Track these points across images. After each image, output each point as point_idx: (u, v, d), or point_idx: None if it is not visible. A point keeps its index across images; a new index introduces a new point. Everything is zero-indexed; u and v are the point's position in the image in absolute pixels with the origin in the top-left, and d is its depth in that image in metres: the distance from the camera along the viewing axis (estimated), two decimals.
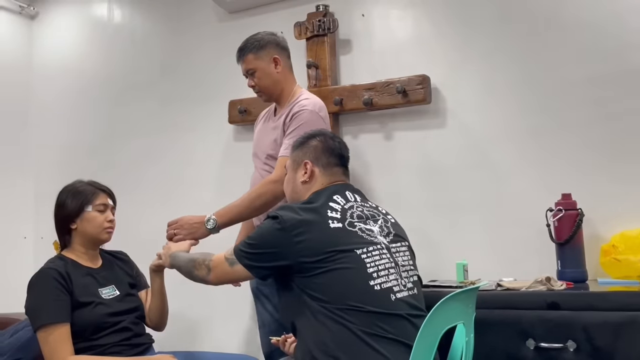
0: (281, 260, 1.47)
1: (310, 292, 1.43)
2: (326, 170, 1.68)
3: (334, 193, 1.59)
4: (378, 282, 1.43)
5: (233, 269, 1.56)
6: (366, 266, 1.44)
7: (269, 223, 1.52)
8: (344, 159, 1.73)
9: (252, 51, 2.17)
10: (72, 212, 1.89)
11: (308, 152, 1.70)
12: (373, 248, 1.48)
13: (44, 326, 1.71)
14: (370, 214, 1.59)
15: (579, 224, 1.95)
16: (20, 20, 3.35)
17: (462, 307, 1.44)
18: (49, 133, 3.32)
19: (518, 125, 2.26)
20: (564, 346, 1.65)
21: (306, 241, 1.44)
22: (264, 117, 2.40)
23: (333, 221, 1.49)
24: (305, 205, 1.55)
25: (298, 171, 1.70)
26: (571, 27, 2.19)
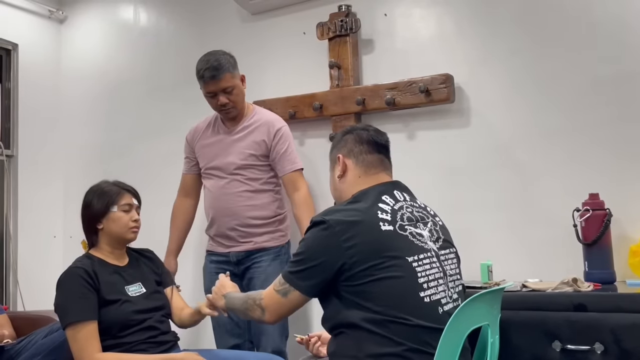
0: (331, 269, 1.37)
1: (358, 301, 1.36)
2: (359, 160, 1.58)
3: (382, 193, 1.50)
4: (428, 294, 1.37)
5: (288, 299, 1.45)
6: (417, 275, 1.37)
7: (315, 230, 1.42)
8: (378, 146, 1.62)
9: (229, 70, 2.31)
10: (98, 213, 1.92)
11: (342, 146, 1.63)
12: (424, 256, 1.41)
13: (72, 324, 1.75)
14: (419, 215, 1.52)
15: (607, 224, 1.92)
16: (49, 24, 3.43)
17: (487, 308, 1.42)
18: (77, 134, 3.39)
19: (543, 124, 2.23)
20: (591, 348, 1.63)
21: (357, 245, 1.36)
22: (205, 131, 2.50)
23: (384, 223, 1.41)
24: (352, 206, 1.46)
25: (335, 169, 1.63)
26: (599, 25, 2.15)
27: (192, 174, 2.55)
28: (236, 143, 2.39)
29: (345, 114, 2.54)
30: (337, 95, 2.55)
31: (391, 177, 1.63)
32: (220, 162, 2.39)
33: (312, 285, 1.42)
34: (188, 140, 2.55)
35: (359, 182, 1.56)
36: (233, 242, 2.37)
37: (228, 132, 2.43)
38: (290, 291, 1.44)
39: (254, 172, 2.36)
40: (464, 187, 2.36)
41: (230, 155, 2.37)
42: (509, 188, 2.27)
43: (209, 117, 2.53)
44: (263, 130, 2.37)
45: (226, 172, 2.37)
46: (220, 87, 2.30)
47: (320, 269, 1.39)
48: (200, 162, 2.49)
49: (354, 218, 1.40)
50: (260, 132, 2.38)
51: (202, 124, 2.54)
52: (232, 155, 2.37)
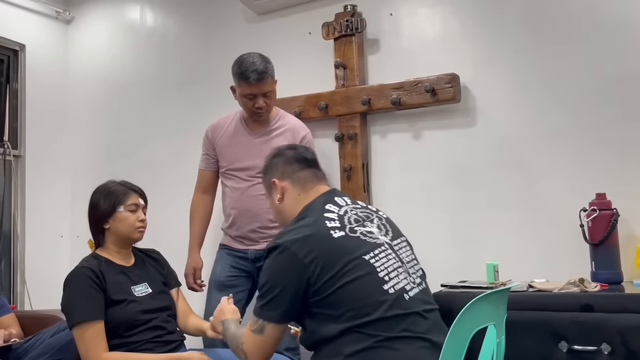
0: (298, 289, 1.37)
1: (329, 314, 1.37)
2: (294, 179, 1.61)
3: (325, 202, 1.53)
4: (391, 285, 1.40)
5: (265, 335, 1.42)
6: (377, 271, 1.40)
7: (272, 257, 1.43)
8: (309, 162, 1.65)
9: (272, 74, 2.34)
10: (104, 213, 1.93)
11: (272, 171, 1.66)
12: (379, 250, 1.44)
13: (79, 324, 1.76)
14: (364, 215, 1.55)
15: (614, 224, 1.91)
16: (56, 25, 3.45)
17: (493, 309, 1.41)
18: (84, 134, 3.41)
19: (550, 124, 2.22)
20: (598, 349, 1.62)
21: (316, 258, 1.37)
22: (225, 130, 2.48)
23: (334, 230, 1.43)
24: (301, 223, 1.48)
25: (273, 195, 1.64)
26: (604, 25, 2.14)
27: (210, 170, 2.53)
28: (261, 146, 2.36)
29: (350, 113, 2.54)
30: (343, 95, 2.55)
31: (328, 186, 1.64)
32: (244, 164, 2.39)
33: (284, 312, 1.40)
34: (208, 137, 2.52)
35: (300, 200, 1.58)
36: (253, 242, 2.39)
37: (252, 134, 2.42)
38: (264, 326, 1.42)
39: None
40: (469, 187, 2.35)
41: (255, 158, 2.33)
42: (515, 188, 2.26)
43: (230, 115, 2.51)
44: (288, 136, 2.38)
45: (250, 174, 2.36)
46: (263, 90, 2.31)
47: (287, 293, 1.39)
48: (222, 161, 2.47)
49: (306, 233, 1.41)
50: (285, 137, 2.37)
51: (223, 121, 2.51)
52: (257, 159, 2.31)
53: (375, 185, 2.56)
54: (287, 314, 1.41)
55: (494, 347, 1.43)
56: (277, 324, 1.41)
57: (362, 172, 2.52)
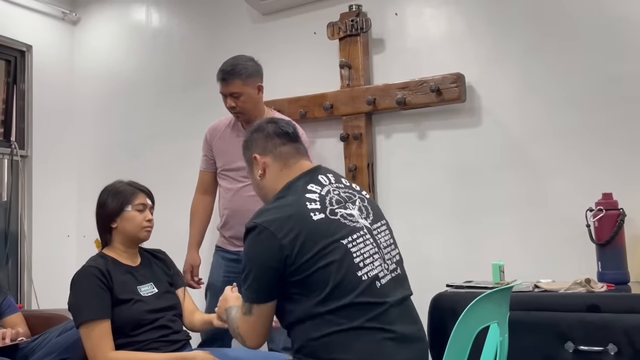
0: (278, 266, 1.39)
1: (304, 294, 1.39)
2: (276, 155, 1.57)
3: (307, 182, 1.51)
4: (365, 272, 1.41)
5: (255, 316, 1.44)
6: (352, 256, 1.41)
7: (250, 237, 1.43)
8: (288, 135, 1.60)
9: (240, 77, 2.34)
10: (112, 212, 1.94)
11: (253, 146, 1.62)
12: (357, 235, 1.45)
13: (85, 322, 1.77)
14: (347, 195, 1.53)
15: (621, 224, 1.90)
16: (63, 26, 3.47)
17: (496, 307, 1.42)
18: (90, 134, 3.43)
19: (556, 123, 2.22)
20: (605, 349, 1.61)
21: (295, 238, 1.38)
22: (223, 131, 2.51)
23: (314, 212, 1.42)
24: (280, 202, 1.47)
25: (254, 170, 1.61)
26: (612, 23, 2.14)
27: (209, 171, 2.56)
28: None
29: (355, 113, 2.54)
30: (348, 95, 2.55)
31: (312, 163, 1.61)
32: (236, 164, 2.40)
33: (266, 291, 1.42)
34: (207, 138, 2.56)
35: (282, 175, 1.55)
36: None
37: (244, 135, 2.43)
38: (251, 308, 1.44)
39: None
40: (475, 187, 2.35)
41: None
42: (521, 188, 2.26)
43: (229, 117, 2.53)
44: None
45: (242, 174, 2.37)
46: (228, 90, 2.36)
47: (267, 273, 1.40)
48: (217, 162, 2.51)
49: (285, 213, 1.42)
50: None
51: (222, 123, 2.54)
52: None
53: (380, 185, 2.56)
54: (269, 294, 1.43)
55: (497, 346, 1.43)
56: (262, 304, 1.43)
57: (367, 171, 2.52)
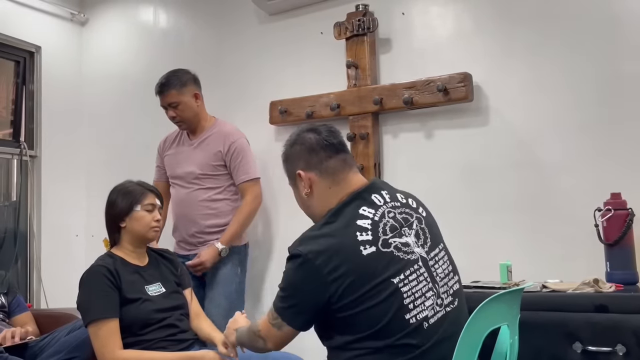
0: (319, 303, 1.33)
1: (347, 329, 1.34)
2: (322, 170, 1.45)
3: (359, 205, 1.39)
4: (414, 314, 1.32)
5: (283, 332, 1.41)
6: (403, 297, 1.32)
7: (293, 264, 1.35)
8: (335, 147, 1.47)
9: (175, 87, 2.52)
10: (121, 211, 1.96)
11: (295, 160, 1.49)
12: (410, 271, 1.35)
13: (94, 321, 1.78)
14: (402, 218, 1.42)
15: (629, 224, 1.89)
16: (71, 26, 3.49)
17: (506, 309, 1.41)
18: (99, 135, 3.44)
19: (563, 123, 2.20)
20: (613, 350, 1.60)
21: (342, 277, 1.30)
22: (172, 142, 2.69)
23: (365, 246, 1.32)
24: (328, 229, 1.36)
25: (298, 186, 1.49)
26: (621, 19, 2.12)
27: (162, 181, 2.69)
28: (195, 154, 2.56)
29: (362, 113, 2.54)
30: (355, 94, 2.55)
31: (361, 177, 1.50)
32: (182, 170, 2.57)
33: (304, 321, 1.39)
34: (159, 149, 2.73)
35: (331, 193, 1.44)
36: (192, 246, 2.53)
37: (190, 143, 2.61)
38: (283, 325, 1.40)
39: (212, 181, 2.52)
40: (482, 187, 2.34)
41: (190, 165, 2.54)
42: (529, 187, 2.25)
43: (177, 130, 2.68)
44: (219, 142, 2.53)
45: (187, 180, 2.54)
46: (166, 101, 2.53)
47: (307, 304, 1.36)
48: (167, 171, 2.66)
49: (332, 246, 1.32)
50: (216, 143, 2.53)
51: (171, 135, 2.71)
52: (192, 165, 2.54)
53: None
54: (307, 323, 1.40)
55: (508, 347, 1.43)
56: (294, 329, 1.40)
57: (374, 171, 2.52)
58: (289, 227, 2.71)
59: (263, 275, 2.81)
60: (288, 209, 2.73)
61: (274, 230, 2.81)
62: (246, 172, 2.54)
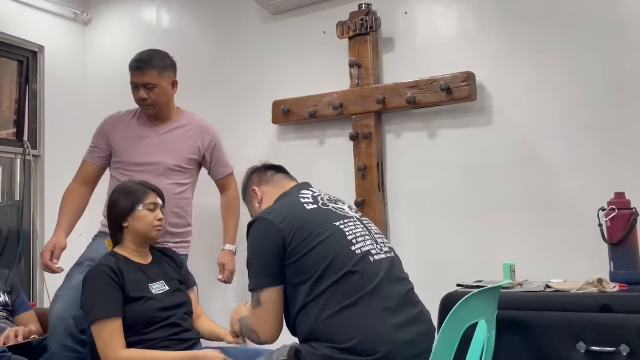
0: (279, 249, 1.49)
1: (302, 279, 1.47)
2: (270, 182, 1.79)
3: (299, 190, 1.69)
4: (358, 247, 1.52)
5: (264, 307, 1.51)
6: (345, 234, 1.53)
7: (252, 229, 1.57)
8: (278, 168, 1.84)
9: (156, 68, 2.32)
10: (124, 211, 1.96)
11: (250, 185, 1.83)
12: (347, 220, 1.59)
13: (97, 320, 1.78)
14: (335, 200, 1.71)
15: (634, 224, 1.88)
16: (74, 26, 3.50)
17: (484, 305, 1.47)
18: None
19: (568, 123, 2.20)
20: (617, 350, 1.60)
21: (291, 223, 1.51)
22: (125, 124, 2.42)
23: (308, 204, 1.60)
24: (278, 203, 1.66)
25: (254, 202, 1.80)
26: (627, 19, 2.12)
27: (96, 165, 2.41)
28: (166, 143, 2.34)
29: (365, 113, 2.54)
30: (358, 94, 2.55)
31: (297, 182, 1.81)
32: (148, 159, 2.30)
33: (271, 273, 1.50)
34: (106, 129, 2.42)
35: (278, 193, 1.73)
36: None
37: (157, 130, 2.38)
38: (260, 296, 1.51)
39: (181, 175, 2.36)
40: (486, 186, 2.34)
41: (161, 155, 2.31)
42: (533, 187, 2.24)
43: (130, 111, 2.46)
44: (197, 136, 2.41)
45: (156, 172, 2.27)
46: (142, 81, 2.30)
47: (269, 256, 1.50)
48: (120, 156, 2.34)
49: (282, 208, 1.60)
50: (195, 137, 2.40)
51: (122, 116, 2.46)
52: (164, 156, 2.31)
53: (390, 185, 2.55)
54: (273, 276, 1.50)
55: (485, 342, 1.48)
56: (268, 288, 1.50)
57: (377, 171, 2.51)
58: None
59: None
60: None
61: None
62: (227, 164, 2.51)
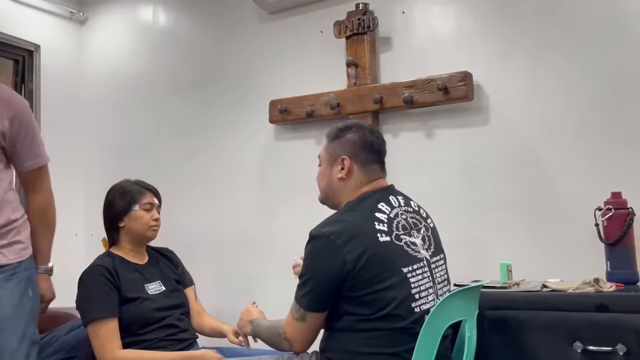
0: (337, 277, 1.39)
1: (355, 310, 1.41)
2: (364, 167, 1.59)
3: (379, 200, 1.52)
4: (419, 304, 1.43)
5: (308, 323, 1.46)
6: (410, 286, 1.43)
7: (313, 245, 1.44)
8: (381, 155, 1.64)
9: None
10: (120, 211, 1.95)
11: (346, 146, 1.60)
12: (417, 266, 1.47)
13: (93, 321, 1.78)
14: (413, 222, 1.56)
15: (630, 224, 1.88)
16: (70, 25, 3.48)
17: (464, 304, 1.48)
18: (98, 134, 3.44)
19: (565, 122, 2.20)
20: (613, 350, 1.60)
21: (359, 256, 1.38)
22: None
23: (381, 234, 1.44)
24: (348, 216, 1.48)
25: (334, 166, 1.60)
26: (624, 21, 2.12)
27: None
28: None
29: (362, 112, 2.53)
30: (355, 93, 2.55)
31: (386, 182, 1.64)
32: None
33: (326, 301, 1.44)
34: None
35: (360, 188, 1.57)
36: None
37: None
38: (306, 315, 1.45)
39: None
40: (483, 186, 2.34)
41: None
42: (529, 186, 2.25)
43: None
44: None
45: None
46: None
47: (326, 283, 1.42)
48: None
49: (352, 228, 1.42)
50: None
51: None
52: None
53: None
54: (326, 304, 1.44)
55: (466, 341, 1.51)
56: (318, 313, 1.45)
57: None
58: (288, 227, 2.71)
59: (263, 276, 2.80)
60: (287, 209, 2.73)
61: (274, 232, 2.81)
62: (37, 153, 1.81)
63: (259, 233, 2.84)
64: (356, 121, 1.72)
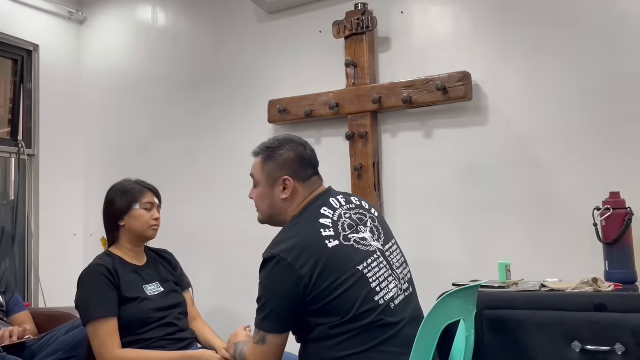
0: (296, 297, 1.40)
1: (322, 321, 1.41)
2: (306, 183, 1.59)
3: (320, 206, 1.53)
4: (382, 296, 1.44)
5: (268, 347, 1.43)
6: (369, 282, 1.43)
7: (268, 268, 1.44)
8: (317, 166, 1.64)
9: None
10: (120, 210, 1.96)
11: (284, 165, 1.59)
12: (371, 259, 1.47)
13: (93, 320, 1.78)
14: (358, 218, 1.55)
15: (628, 224, 1.89)
16: (69, 25, 3.48)
17: (462, 304, 1.48)
18: (97, 133, 3.44)
19: (563, 122, 2.20)
20: (612, 349, 1.60)
21: (313, 268, 1.39)
22: None
23: (329, 240, 1.44)
24: (295, 231, 1.49)
25: (275, 187, 1.59)
26: (622, 20, 2.12)
27: None
28: None
29: (361, 112, 2.53)
30: (354, 93, 2.55)
31: (324, 187, 1.64)
32: None
33: (286, 321, 1.43)
34: None
35: (302, 202, 1.58)
36: None
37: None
38: (265, 337, 1.44)
39: None
40: (481, 186, 2.34)
41: None
42: (528, 186, 2.25)
43: None
44: None
45: None
46: None
47: (285, 303, 1.42)
48: None
49: (301, 243, 1.43)
50: None
51: None
52: None
53: (386, 184, 2.56)
54: (286, 325, 1.44)
55: (464, 341, 1.51)
56: (277, 334, 1.44)
57: (373, 171, 2.51)
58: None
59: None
60: None
61: (273, 231, 2.80)
62: None
63: (258, 232, 2.83)
64: (286, 136, 1.68)
